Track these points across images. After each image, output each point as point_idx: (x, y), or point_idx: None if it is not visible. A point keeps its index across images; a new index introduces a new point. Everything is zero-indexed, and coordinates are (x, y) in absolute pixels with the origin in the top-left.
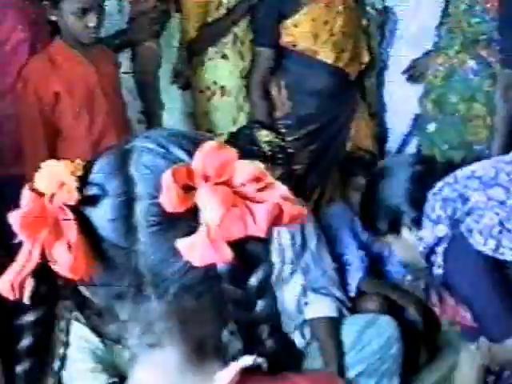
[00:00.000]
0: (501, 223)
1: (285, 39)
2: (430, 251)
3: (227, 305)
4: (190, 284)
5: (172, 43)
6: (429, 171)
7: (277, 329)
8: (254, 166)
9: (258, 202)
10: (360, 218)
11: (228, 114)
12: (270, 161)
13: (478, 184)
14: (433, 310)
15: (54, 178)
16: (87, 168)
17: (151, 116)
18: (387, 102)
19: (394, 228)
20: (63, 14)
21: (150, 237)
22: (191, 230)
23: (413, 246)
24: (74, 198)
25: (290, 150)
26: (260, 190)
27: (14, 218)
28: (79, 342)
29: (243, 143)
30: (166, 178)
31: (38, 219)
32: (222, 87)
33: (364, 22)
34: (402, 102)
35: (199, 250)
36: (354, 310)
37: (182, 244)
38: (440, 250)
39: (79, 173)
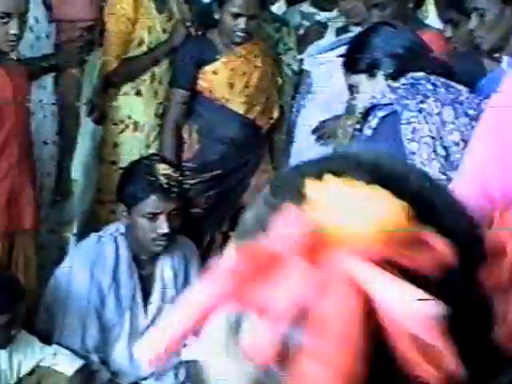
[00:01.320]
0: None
1: (202, 84)
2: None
3: None
4: None
5: (92, 74)
6: None
7: None
8: None
9: None
10: None
11: (136, 149)
12: (165, 192)
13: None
14: None
15: None
16: None
17: (66, 139)
18: (294, 160)
19: None
20: None
21: None
22: None
23: None
24: None
25: (185, 186)
26: None
27: None
28: None
29: (141, 173)
30: None
31: None
32: (136, 122)
33: (279, 79)
34: None
35: None
36: None
37: None
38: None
39: None
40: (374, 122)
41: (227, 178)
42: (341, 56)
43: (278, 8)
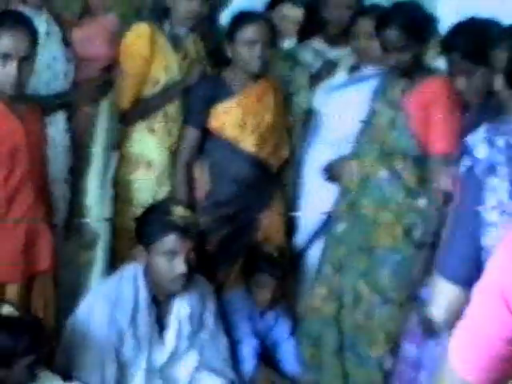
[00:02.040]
0: None
1: (213, 123)
2: None
3: None
4: None
5: (108, 112)
6: None
7: None
8: None
9: None
10: None
11: (150, 187)
12: (182, 231)
13: None
14: None
15: None
16: None
17: (77, 178)
18: (302, 199)
19: None
20: None
21: None
22: None
23: None
24: None
25: (201, 228)
26: None
27: None
28: None
29: (159, 214)
30: None
31: None
32: (149, 161)
33: (290, 118)
34: (316, 201)
35: None
36: None
37: None
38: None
39: None
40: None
41: (238, 216)
42: None
43: (288, 44)
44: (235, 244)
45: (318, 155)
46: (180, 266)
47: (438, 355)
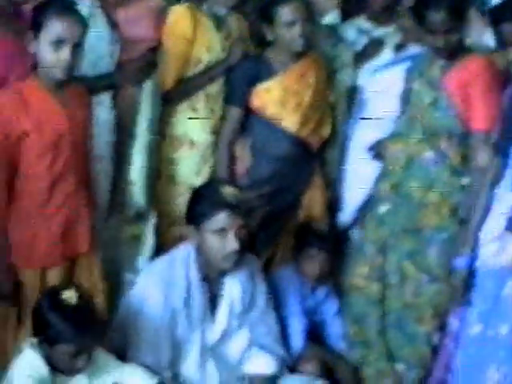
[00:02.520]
0: None
1: (254, 102)
2: None
3: None
4: None
5: (152, 92)
6: None
7: None
8: None
9: None
10: None
11: (193, 165)
12: (232, 209)
13: None
14: None
15: None
16: None
17: (121, 155)
18: (346, 176)
19: None
20: (40, 45)
21: None
22: None
23: None
24: None
25: (251, 205)
26: None
27: None
28: (30, 370)
29: (209, 193)
30: None
31: None
32: (191, 140)
33: (332, 97)
34: (359, 179)
35: None
36: (293, 369)
37: None
38: None
39: None
40: None
41: (279, 194)
42: None
43: (330, 19)
44: (277, 222)
45: (362, 134)
46: (232, 243)
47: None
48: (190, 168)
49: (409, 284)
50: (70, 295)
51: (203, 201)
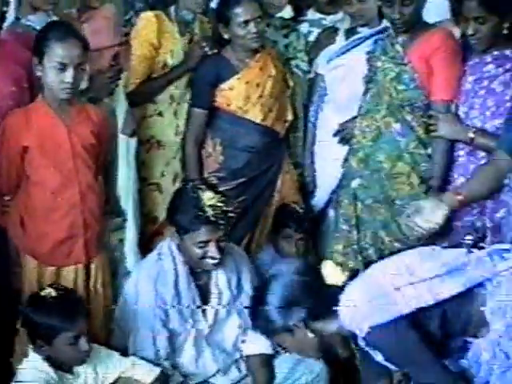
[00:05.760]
0: None
1: (219, 100)
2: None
3: None
4: None
5: (120, 97)
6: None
7: None
8: None
9: None
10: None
11: (160, 165)
12: (213, 224)
13: None
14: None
15: None
16: None
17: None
18: (316, 161)
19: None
20: (44, 68)
21: None
22: None
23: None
24: None
25: (230, 215)
26: None
27: None
28: (35, 371)
29: (189, 204)
30: None
31: None
32: (158, 142)
33: (290, 82)
34: (329, 162)
35: None
36: None
37: None
38: None
39: None
40: None
41: (254, 183)
42: None
43: (284, 15)
44: (255, 209)
45: (327, 118)
46: (212, 253)
47: None
48: (158, 168)
49: (386, 254)
50: (48, 291)
51: (183, 212)
